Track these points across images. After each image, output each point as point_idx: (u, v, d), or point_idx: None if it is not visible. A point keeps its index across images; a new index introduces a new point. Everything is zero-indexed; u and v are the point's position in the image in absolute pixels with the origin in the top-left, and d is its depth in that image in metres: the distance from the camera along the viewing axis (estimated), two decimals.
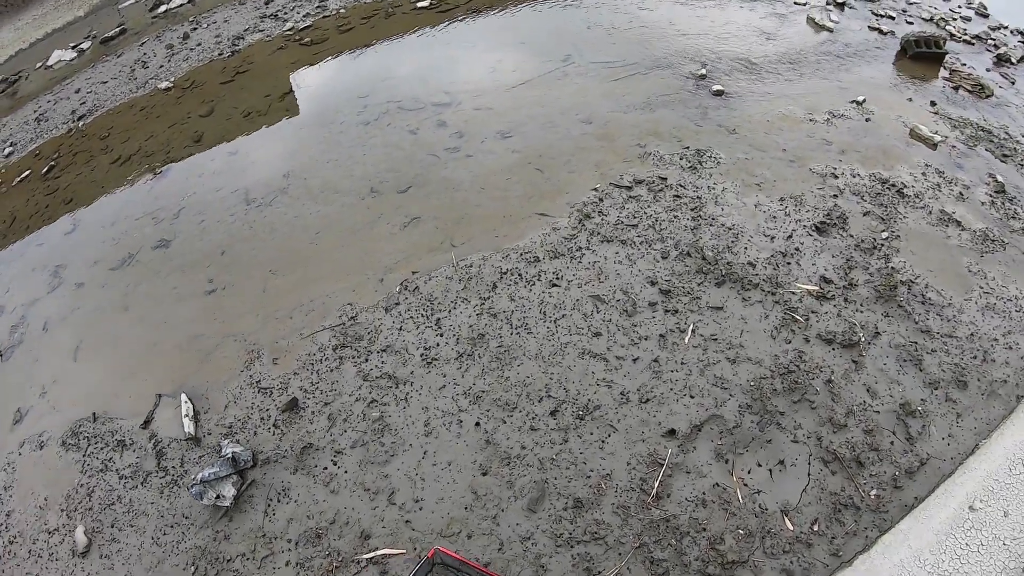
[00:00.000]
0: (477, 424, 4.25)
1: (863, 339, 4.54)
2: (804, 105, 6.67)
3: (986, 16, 8.69)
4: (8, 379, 5.69)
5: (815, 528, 3.68)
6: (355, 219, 5.78)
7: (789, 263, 5.05)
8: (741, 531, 3.68)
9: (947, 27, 8.16)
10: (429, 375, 4.53)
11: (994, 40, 7.99)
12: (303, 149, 6.82)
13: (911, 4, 8.73)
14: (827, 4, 8.46)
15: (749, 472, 3.91)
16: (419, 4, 9.09)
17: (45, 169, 8.15)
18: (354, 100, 7.37)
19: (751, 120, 6.45)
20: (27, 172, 8.32)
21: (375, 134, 6.75)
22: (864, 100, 6.71)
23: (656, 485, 3.86)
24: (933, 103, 6.75)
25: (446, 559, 3.38)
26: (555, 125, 6.43)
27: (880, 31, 7.97)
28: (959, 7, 8.81)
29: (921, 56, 7.32)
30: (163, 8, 11.50)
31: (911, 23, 8.22)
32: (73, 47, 11.48)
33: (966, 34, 8.07)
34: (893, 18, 8.32)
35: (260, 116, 7.56)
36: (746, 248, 5.15)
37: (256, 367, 4.93)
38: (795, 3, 8.44)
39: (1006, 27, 8.41)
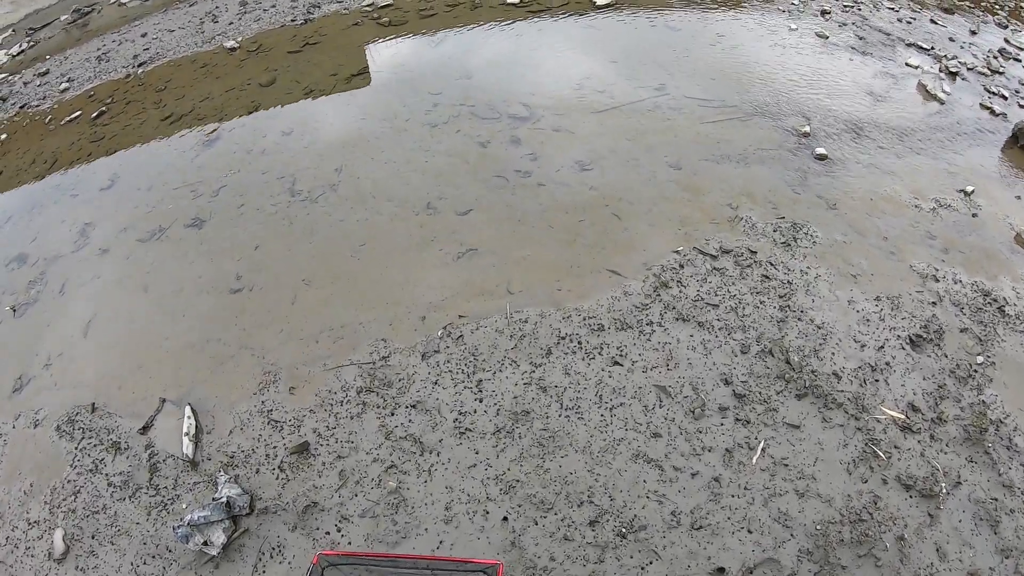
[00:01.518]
0: (505, 519, 3.56)
1: (944, 490, 3.72)
2: (910, 186, 5.72)
3: None
4: (17, 340, 5.20)
5: None
6: (405, 237, 5.07)
7: (877, 380, 4.21)
8: None
9: None
10: (460, 448, 3.84)
11: None
12: (361, 142, 6.11)
13: None
14: (940, 72, 7.37)
15: None
16: (509, 0, 8.23)
17: (96, 114, 7.64)
18: (424, 96, 6.62)
19: (853, 196, 5.53)
20: (78, 113, 7.82)
21: (441, 139, 6.01)
22: (972, 191, 5.73)
23: None
24: None
25: (333, 560, 2.96)
26: (639, 165, 5.59)
27: (992, 111, 6.89)
28: None
29: None
30: None
31: None
32: None
33: None
34: (1006, 98, 7.20)
35: (322, 95, 6.87)
36: (834, 354, 4.32)
37: (270, 393, 4.31)
38: (907, 64, 7.37)
39: None
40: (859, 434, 3.94)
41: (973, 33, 8.22)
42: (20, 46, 10.86)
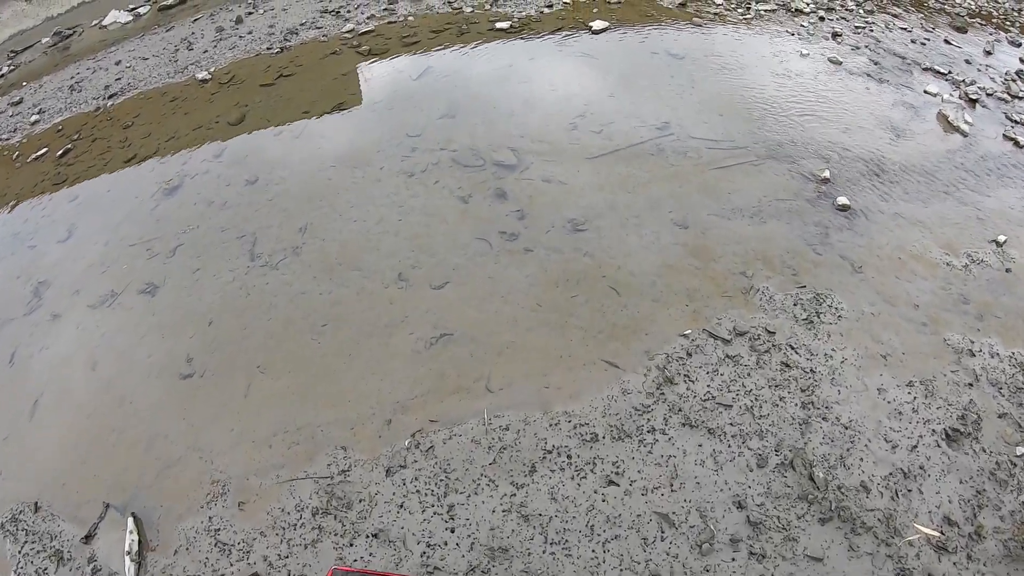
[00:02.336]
0: None
1: None
2: (939, 239, 4.99)
3: None
4: None
5: None
6: (372, 316, 4.40)
7: (910, 489, 3.53)
8: None
9: None
10: None
11: None
12: (329, 195, 5.43)
13: None
14: (960, 99, 6.58)
15: None
16: (498, 25, 7.47)
17: (61, 152, 7.00)
18: (402, 139, 5.91)
19: (880, 254, 4.80)
20: (44, 149, 7.17)
21: (418, 192, 5.31)
22: (1004, 241, 4.99)
23: None
24: None
25: None
26: (641, 224, 4.88)
27: (1016, 143, 6.11)
28: None
29: None
30: None
31: None
32: (131, 9, 10.24)
33: None
34: None
35: (293, 137, 6.17)
36: (862, 460, 3.63)
37: (218, 507, 3.68)
38: (926, 92, 6.59)
39: None
40: (889, 562, 3.26)
41: (988, 54, 7.41)
42: (1, 70, 10.24)
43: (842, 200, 5.19)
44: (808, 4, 8.16)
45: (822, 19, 7.87)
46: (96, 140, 7.10)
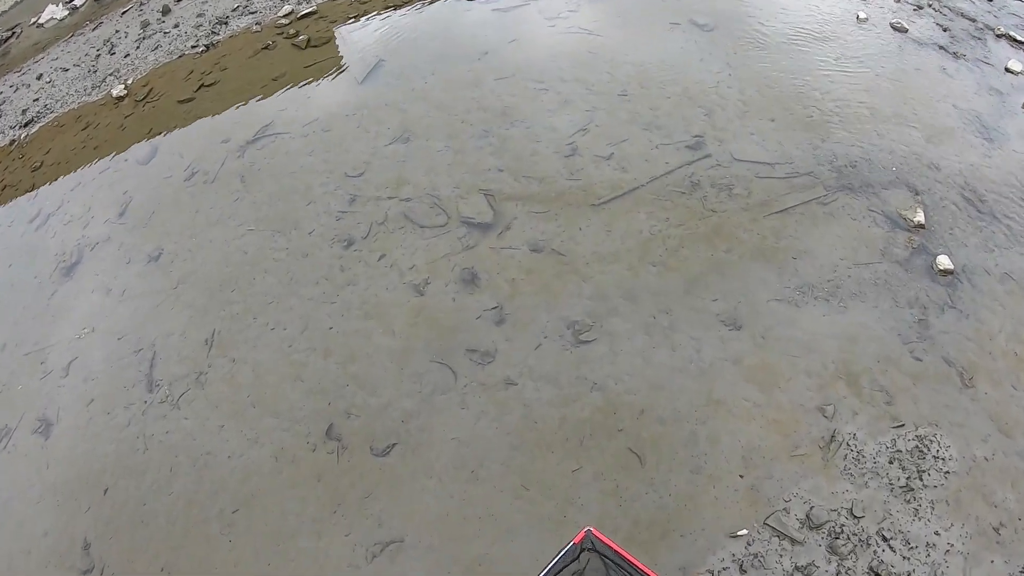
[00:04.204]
0: None
1: None
2: None
3: None
4: None
5: None
6: (295, 503, 2.89)
7: None
8: None
9: None
10: None
11: None
12: (243, 281, 3.79)
13: None
14: None
15: None
16: None
17: None
18: (339, 181, 4.09)
19: (992, 349, 3.06)
20: None
21: (357, 275, 3.59)
22: None
23: None
24: None
25: (597, 544, 2.11)
26: (674, 325, 3.10)
27: None
28: None
29: None
30: None
31: None
32: (67, 3, 8.16)
33: None
34: None
35: (205, 181, 4.40)
36: None
37: None
38: (1007, 70, 4.28)
39: None
40: None
41: None
42: None
43: (943, 261, 3.28)
44: None
45: None
46: (6, 188, 5.48)
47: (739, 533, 2.54)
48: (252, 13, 5.91)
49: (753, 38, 4.62)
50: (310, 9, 5.63)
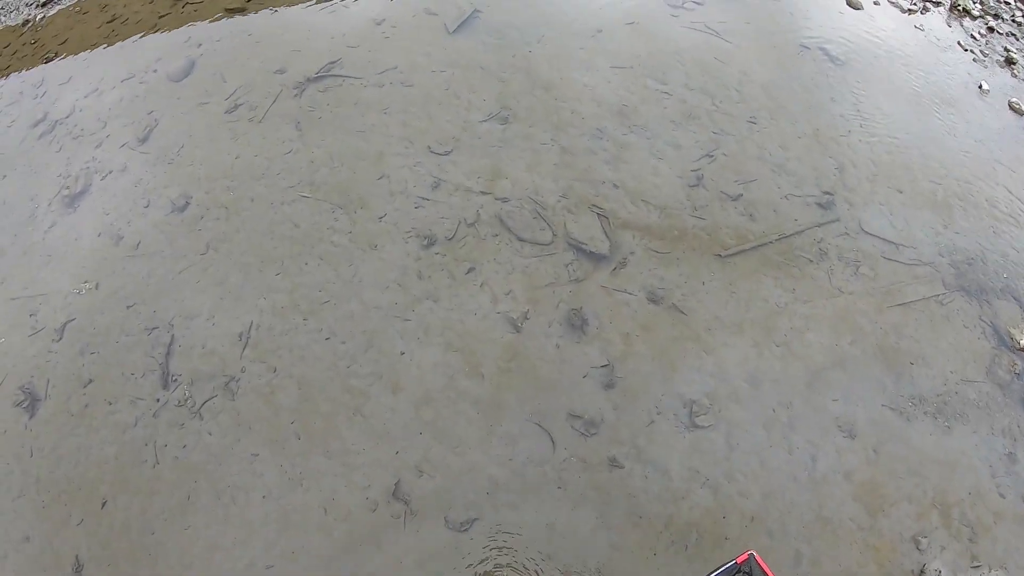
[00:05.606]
0: None
1: None
2: None
3: None
4: None
5: None
6: (346, 571, 2.35)
7: None
8: None
9: None
10: None
11: None
12: (291, 268, 3.00)
13: None
14: None
15: None
16: None
17: None
18: (420, 156, 3.23)
19: None
20: None
21: (438, 292, 2.91)
22: None
23: None
24: None
25: (756, 571, 2.00)
26: (793, 424, 2.73)
27: None
28: None
29: None
30: None
31: None
32: None
33: None
34: None
35: (250, 121, 3.37)
36: None
37: None
38: None
39: None
40: None
41: None
42: None
43: None
44: (975, 4, 4.84)
45: (991, 29, 4.68)
46: (10, 78, 4.05)
47: None
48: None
49: (884, 88, 3.99)
50: None
